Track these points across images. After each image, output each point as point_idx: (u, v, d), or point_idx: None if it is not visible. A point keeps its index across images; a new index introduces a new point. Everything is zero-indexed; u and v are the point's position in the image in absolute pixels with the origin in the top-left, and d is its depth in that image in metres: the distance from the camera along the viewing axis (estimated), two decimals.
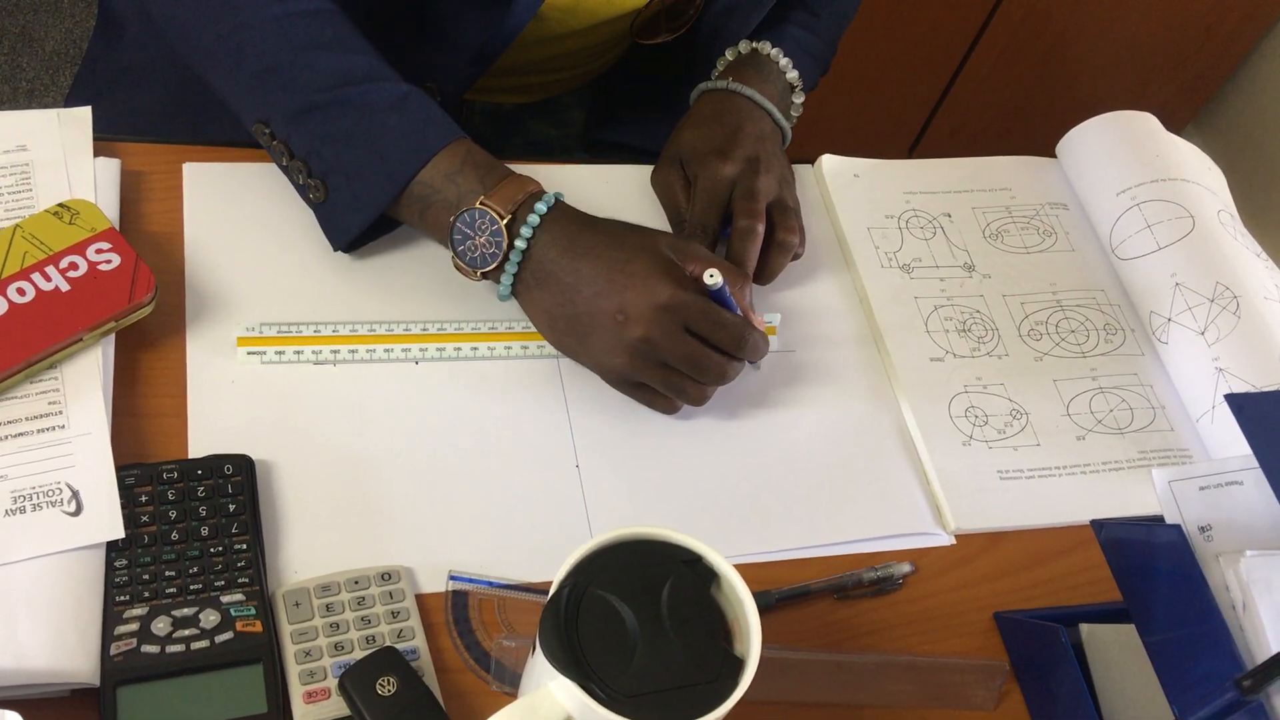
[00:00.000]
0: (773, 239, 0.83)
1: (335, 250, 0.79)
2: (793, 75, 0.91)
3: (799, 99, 0.92)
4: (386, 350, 0.76)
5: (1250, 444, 0.57)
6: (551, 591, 0.54)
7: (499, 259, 0.74)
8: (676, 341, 0.72)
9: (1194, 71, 2.01)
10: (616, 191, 0.90)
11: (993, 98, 1.95)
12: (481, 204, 0.73)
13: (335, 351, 0.76)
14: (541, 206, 0.74)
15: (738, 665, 0.53)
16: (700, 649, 0.53)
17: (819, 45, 0.95)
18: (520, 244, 0.73)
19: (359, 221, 0.76)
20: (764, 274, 0.84)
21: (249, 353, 0.74)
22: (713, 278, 0.71)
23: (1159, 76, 1.99)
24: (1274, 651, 0.55)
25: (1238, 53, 2.00)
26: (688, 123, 0.89)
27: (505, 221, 0.73)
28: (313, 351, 0.75)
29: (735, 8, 0.92)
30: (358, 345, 0.76)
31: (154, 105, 0.94)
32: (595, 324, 0.73)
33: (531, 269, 0.74)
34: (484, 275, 0.75)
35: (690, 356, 0.73)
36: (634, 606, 0.53)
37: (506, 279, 0.75)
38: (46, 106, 0.80)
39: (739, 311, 0.75)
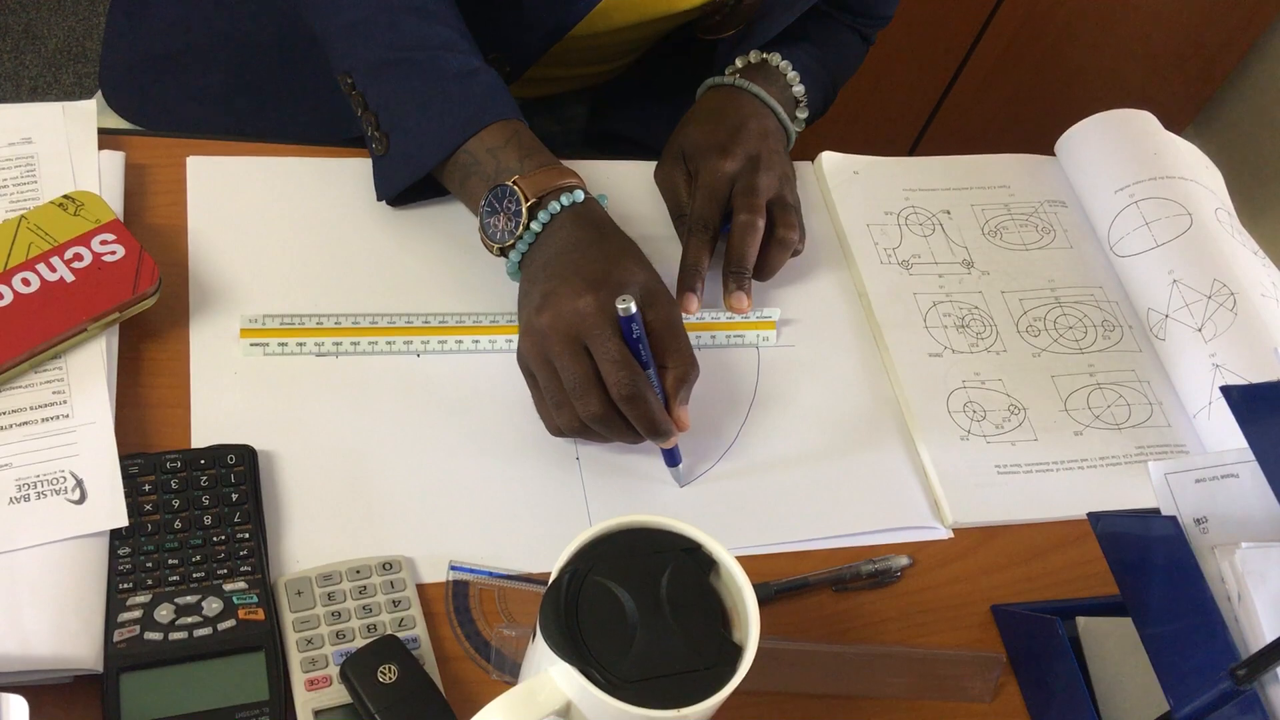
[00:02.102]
0: (773, 235, 0.84)
1: (378, 200, 0.82)
2: (799, 89, 0.92)
3: (802, 114, 0.93)
4: (389, 342, 0.77)
5: (1245, 436, 0.58)
6: (552, 578, 0.54)
7: (514, 238, 0.75)
8: (567, 348, 0.70)
9: (1193, 73, 2.01)
10: (619, 186, 0.90)
11: (993, 97, 1.95)
12: (514, 183, 0.75)
13: (337, 343, 0.76)
14: (566, 199, 0.75)
15: (736, 651, 0.54)
16: (699, 635, 0.54)
17: (823, 77, 0.95)
18: (536, 227, 0.75)
19: (404, 179, 0.80)
20: (764, 270, 0.84)
21: (252, 344, 0.75)
22: (624, 303, 0.69)
23: (1159, 77, 2.00)
24: (1268, 641, 0.55)
25: (1236, 54, 2.00)
26: (692, 118, 0.90)
27: (529, 204, 0.74)
28: (315, 343, 0.76)
29: (767, 11, 0.92)
30: (360, 337, 0.76)
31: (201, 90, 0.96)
32: (528, 301, 0.73)
33: (534, 252, 0.76)
34: (500, 251, 0.77)
35: (572, 370, 0.70)
36: (634, 593, 0.54)
37: (515, 255, 0.76)
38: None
39: (648, 366, 0.71)
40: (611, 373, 0.69)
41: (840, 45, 0.98)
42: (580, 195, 0.76)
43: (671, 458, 0.74)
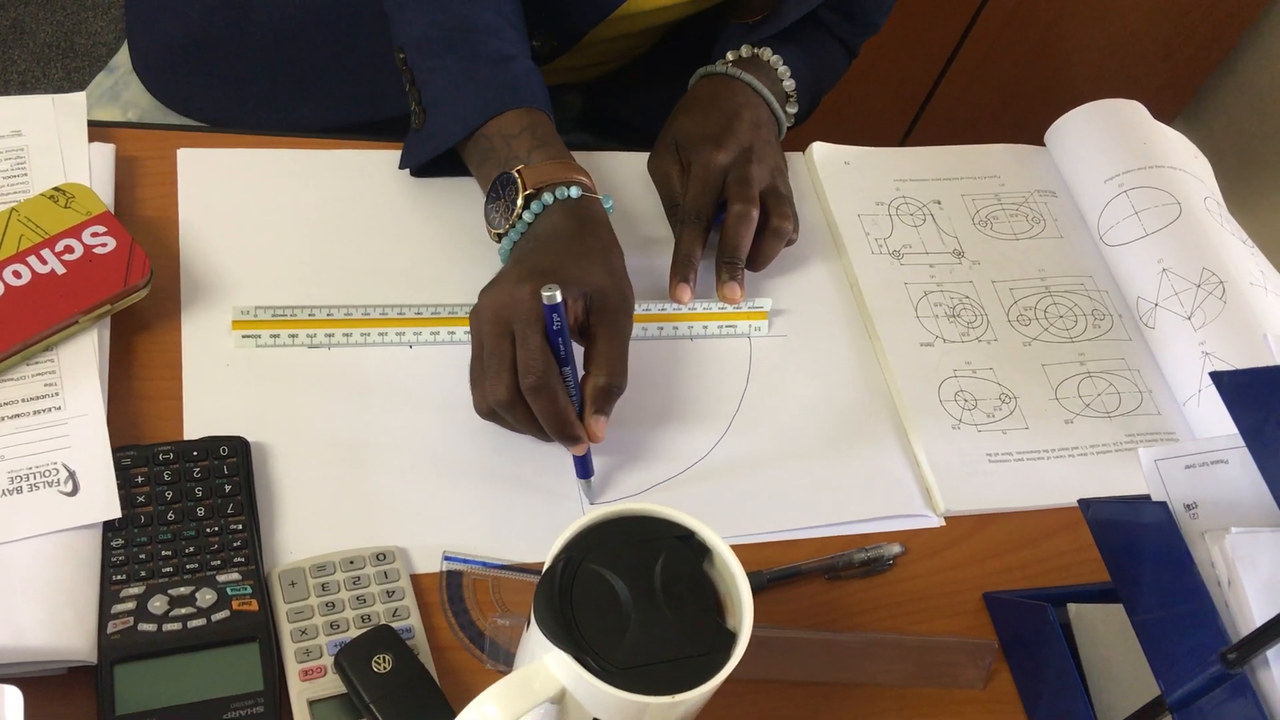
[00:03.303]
0: (767, 226, 0.84)
1: (399, 168, 0.84)
2: (789, 84, 0.92)
3: (792, 109, 0.93)
4: (381, 334, 0.77)
5: (1235, 421, 0.58)
6: (546, 566, 0.54)
7: (507, 225, 0.76)
8: (493, 328, 0.70)
9: (1183, 63, 2.02)
10: (611, 177, 0.91)
11: (983, 88, 1.95)
12: (516, 172, 0.76)
13: (330, 335, 0.76)
14: (561, 193, 0.76)
15: (730, 638, 0.54)
16: (693, 622, 0.54)
17: (810, 80, 0.95)
18: (528, 217, 0.76)
19: (426, 152, 0.82)
20: (757, 260, 0.85)
21: (244, 336, 0.75)
22: (548, 290, 0.67)
23: (1148, 68, 2.00)
24: (1258, 625, 0.56)
25: (1226, 45, 2.01)
26: (684, 107, 0.90)
27: (525, 194, 0.75)
28: (307, 335, 0.76)
29: None
30: (352, 329, 0.76)
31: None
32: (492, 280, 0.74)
33: (524, 240, 0.76)
34: (497, 236, 0.78)
35: (491, 351, 0.70)
36: (627, 581, 0.54)
37: (506, 243, 0.77)
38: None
39: (566, 364, 0.70)
40: (523, 359, 0.69)
41: (827, 55, 0.99)
42: (576, 191, 0.76)
43: (582, 468, 0.73)
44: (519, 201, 0.75)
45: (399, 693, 0.61)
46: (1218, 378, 0.58)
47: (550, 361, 0.69)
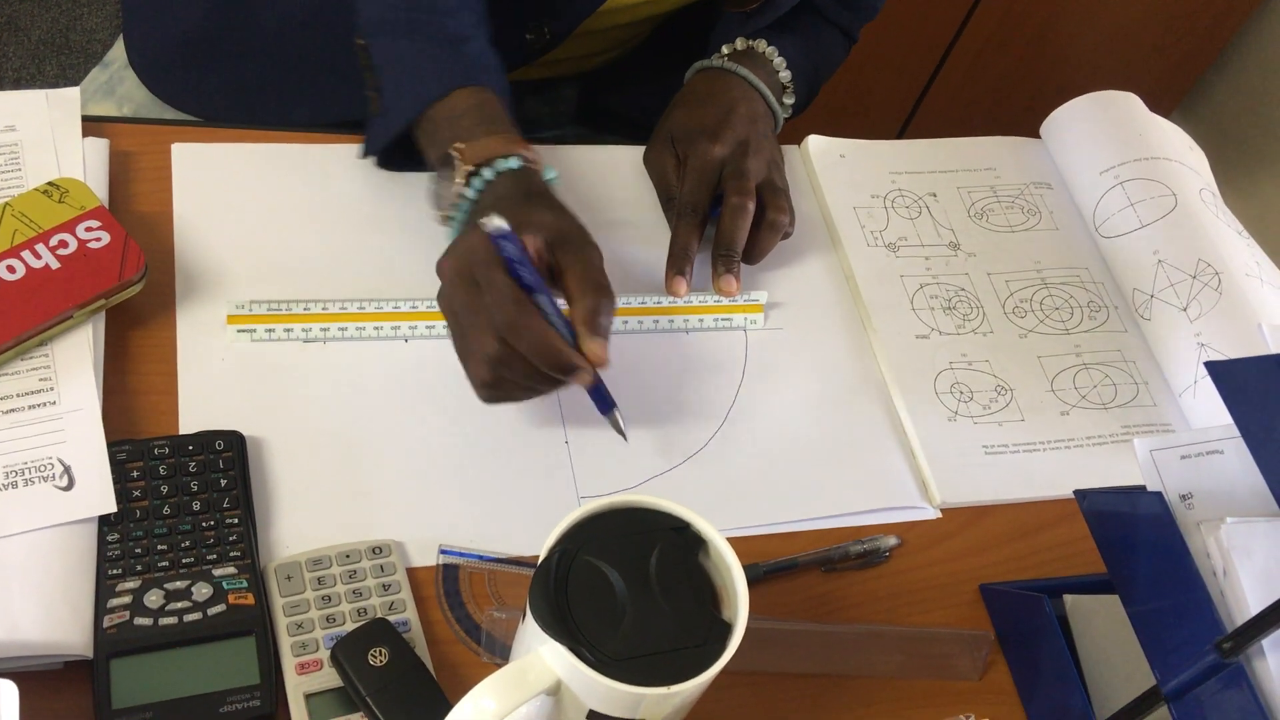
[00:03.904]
0: (763, 219, 0.84)
1: (360, 157, 0.83)
2: (785, 75, 0.92)
3: (789, 100, 0.93)
4: (376, 328, 0.77)
5: (1230, 411, 0.58)
6: (541, 558, 0.54)
7: (451, 207, 0.75)
8: (458, 288, 0.68)
9: (1179, 56, 2.02)
10: (607, 170, 0.90)
11: (979, 80, 1.95)
12: (455, 149, 0.74)
13: (325, 329, 0.76)
14: (502, 164, 0.74)
15: (726, 629, 0.54)
16: (688, 614, 0.54)
17: (808, 69, 0.95)
18: (470, 194, 0.74)
19: (380, 137, 0.81)
20: (753, 253, 0.84)
21: (239, 330, 0.74)
22: (489, 222, 0.65)
23: (1144, 61, 2.00)
24: (1253, 615, 0.56)
25: (1223, 37, 2.01)
26: (680, 101, 0.90)
27: (467, 170, 0.74)
28: (302, 329, 0.76)
29: None
30: (347, 323, 0.76)
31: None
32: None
33: (470, 218, 0.75)
34: (443, 219, 0.76)
35: (466, 309, 0.67)
36: (623, 572, 0.54)
37: (454, 226, 0.76)
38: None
39: (537, 291, 0.68)
40: (491, 303, 0.66)
41: (825, 42, 0.98)
42: (516, 163, 0.74)
43: (600, 401, 0.71)
44: (459, 180, 0.74)
45: (395, 686, 0.61)
46: (1213, 368, 0.58)
47: (519, 294, 0.66)
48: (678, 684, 0.52)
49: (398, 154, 0.82)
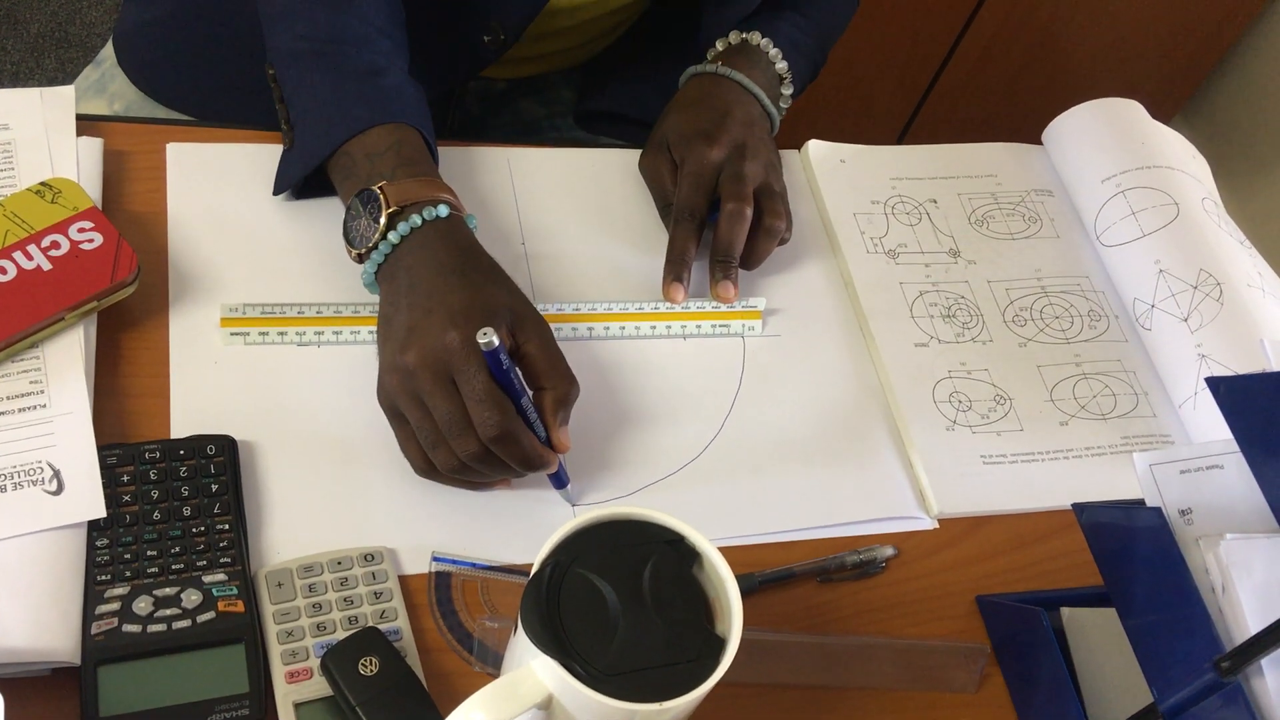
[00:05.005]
0: (760, 224, 0.83)
1: (273, 194, 0.81)
2: (782, 66, 0.91)
3: (788, 90, 0.92)
4: (371, 332, 0.76)
5: (1230, 426, 0.58)
6: (533, 571, 0.54)
7: (370, 245, 0.72)
8: (437, 385, 0.67)
9: (1181, 62, 2.01)
10: (604, 175, 0.90)
11: (980, 86, 1.95)
12: (379, 189, 0.72)
13: (319, 333, 0.75)
14: (429, 213, 0.72)
15: (719, 644, 0.53)
16: (682, 628, 0.53)
17: (809, 46, 0.94)
18: (394, 237, 0.72)
19: (293, 174, 0.79)
20: (750, 259, 0.84)
21: (232, 334, 0.74)
22: (484, 337, 0.64)
23: (1146, 66, 2.00)
24: (1252, 634, 0.55)
25: (1225, 43, 2.00)
26: (675, 106, 0.89)
27: (389, 211, 0.72)
28: (296, 333, 0.75)
29: None
30: (341, 327, 0.76)
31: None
32: (391, 334, 0.70)
33: (393, 265, 0.72)
34: (358, 257, 0.74)
35: (445, 409, 0.66)
36: (616, 586, 0.53)
37: (370, 266, 0.73)
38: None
39: (522, 396, 0.68)
40: (478, 413, 0.66)
41: (828, 4, 0.97)
42: (444, 210, 0.73)
43: (558, 481, 0.72)
44: (383, 221, 0.72)
45: (386, 695, 0.60)
46: (1214, 385, 0.58)
47: (505, 403, 0.66)
48: (670, 700, 0.51)
49: (313, 183, 0.80)
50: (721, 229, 0.82)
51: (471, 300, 0.68)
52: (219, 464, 0.68)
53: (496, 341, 0.65)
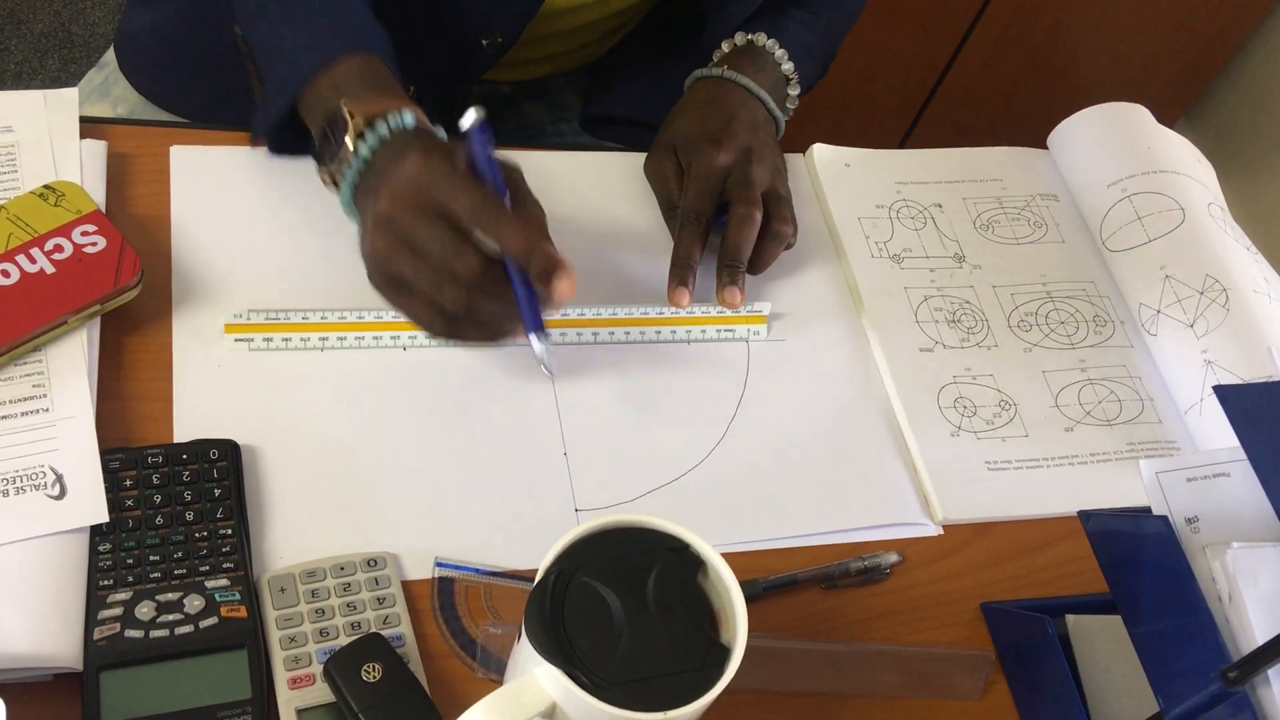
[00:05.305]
0: (768, 229, 0.83)
1: (251, 144, 0.80)
2: (788, 67, 0.91)
3: (794, 91, 0.92)
4: (375, 337, 0.76)
5: (1238, 436, 0.57)
6: (537, 578, 0.53)
7: (342, 163, 0.72)
8: (420, 215, 0.66)
9: (1186, 64, 2.01)
10: (608, 179, 0.90)
11: (985, 89, 1.94)
12: (343, 104, 0.71)
13: (324, 338, 0.75)
14: (396, 121, 0.71)
15: (724, 653, 0.53)
16: (686, 636, 0.53)
17: (817, 44, 0.94)
18: (364, 151, 0.70)
19: (267, 119, 0.77)
20: (757, 264, 0.84)
21: (236, 339, 0.74)
22: (478, 111, 0.64)
23: (1151, 69, 1.99)
24: (1259, 643, 0.55)
25: (1230, 46, 2.00)
26: (681, 110, 0.89)
27: (355, 127, 0.71)
28: (301, 338, 0.75)
29: None
30: (346, 332, 0.75)
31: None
32: (365, 219, 0.69)
33: (367, 182, 0.71)
34: (331, 180, 0.73)
35: (434, 236, 0.65)
36: (620, 594, 0.53)
37: (346, 188, 0.72)
38: (35, 89, 0.80)
39: (504, 193, 0.68)
40: (468, 206, 0.65)
41: None
42: (410, 118, 0.71)
43: (532, 316, 0.69)
44: (349, 137, 0.71)
45: (389, 702, 0.60)
46: (1222, 393, 0.58)
47: (487, 190, 0.67)
48: (675, 709, 0.51)
49: (289, 136, 0.78)
50: (730, 234, 0.82)
51: (430, 148, 0.68)
52: (222, 468, 0.67)
53: (481, 115, 0.65)
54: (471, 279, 0.67)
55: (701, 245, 0.82)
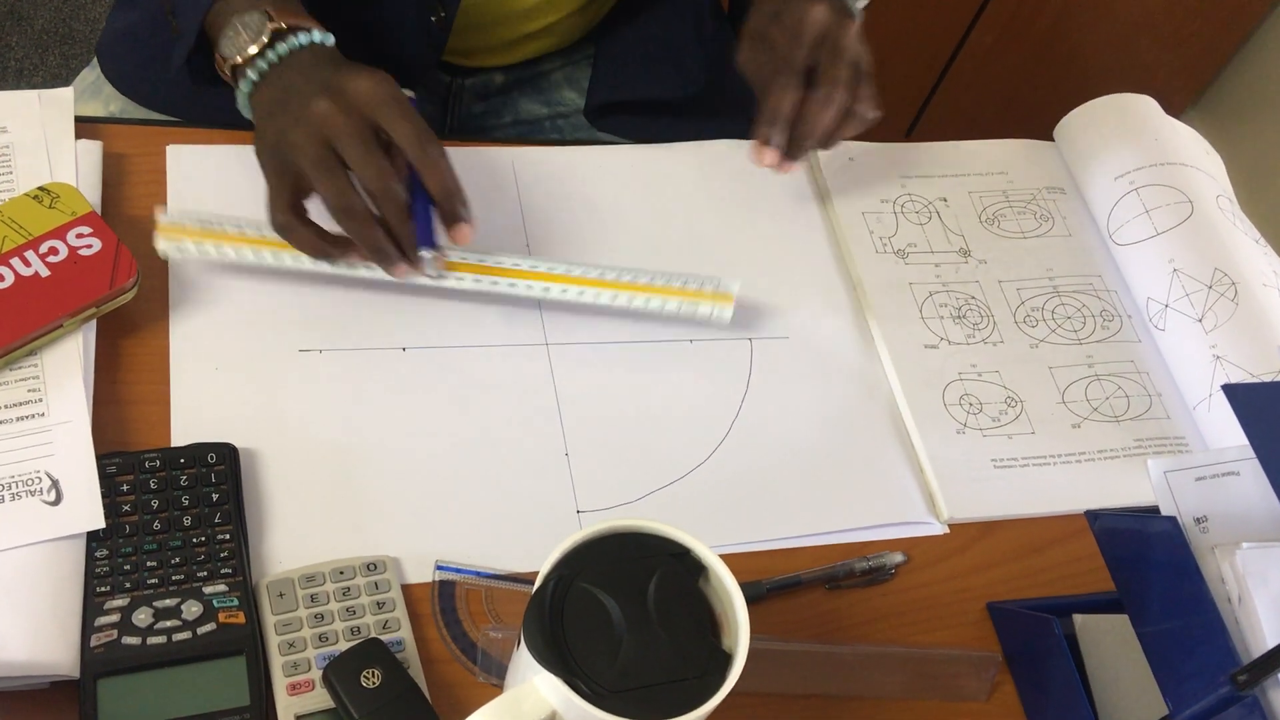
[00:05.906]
0: (850, 107, 0.80)
1: (170, 76, 0.78)
2: None
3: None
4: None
5: (1247, 435, 0.57)
6: (536, 585, 0.53)
7: (252, 54, 0.71)
8: (357, 123, 0.67)
9: (1194, 54, 1.99)
10: (608, 172, 0.89)
11: (990, 80, 1.93)
12: (264, 10, 0.71)
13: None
14: (319, 35, 0.71)
15: (725, 660, 0.52)
16: (688, 643, 0.52)
17: None
18: (282, 49, 0.70)
19: (181, 49, 0.75)
20: (829, 140, 0.81)
21: (169, 244, 0.73)
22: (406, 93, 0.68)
23: (1158, 59, 1.97)
24: (1270, 645, 0.54)
25: (1238, 35, 1.98)
26: (756, 6, 0.85)
27: (273, 28, 0.70)
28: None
29: None
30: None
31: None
32: (287, 109, 0.69)
33: (272, 82, 0.71)
34: (231, 71, 0.72)
35: (360, 142, 0.67)
36: (620, 600, 0.52)
37: (245, 85, 0.71)
38: (35, 86, 0.79)
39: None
40: (408, 128, 0.67)
41: None
42: (332, 40, 0.72)
43: (427, 232, 0.71)
44: (266, 35, 0.70)
45: (389, 708, 0.59)
46: (1231, 392, 0.57)
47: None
48: (676, 717, 0.50)
49: (207, 69, 0.76)
50: (808, 112, 0.78)
51: (381, 71, 0.68)
52: (220, 472, 0.67)
53: (410, 95, 0.68)
54: (385, 182, 0.67)
55: (796, 96, 0.78)
